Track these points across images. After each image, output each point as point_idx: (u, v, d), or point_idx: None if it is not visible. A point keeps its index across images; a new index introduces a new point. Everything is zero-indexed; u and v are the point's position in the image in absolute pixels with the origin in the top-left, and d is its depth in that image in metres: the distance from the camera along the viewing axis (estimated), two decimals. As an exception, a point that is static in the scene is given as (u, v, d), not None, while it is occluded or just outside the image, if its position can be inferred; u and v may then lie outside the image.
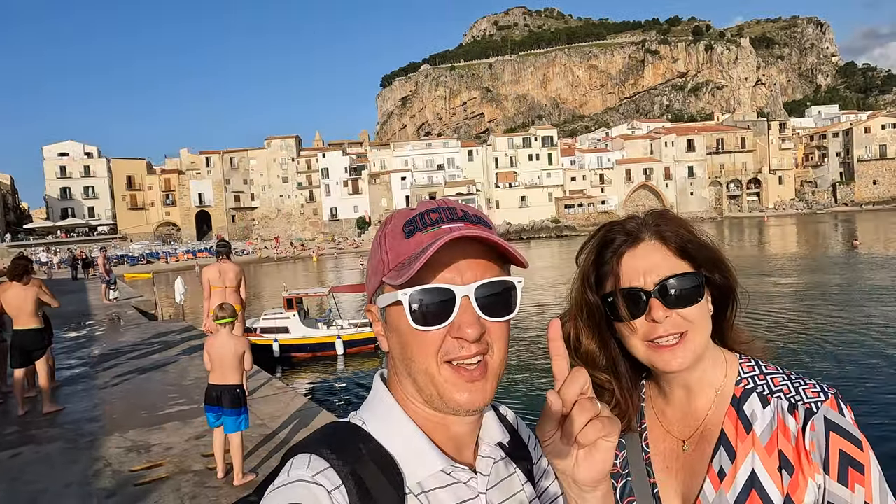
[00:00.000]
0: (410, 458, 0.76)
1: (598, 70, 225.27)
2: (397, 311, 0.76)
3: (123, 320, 15.67)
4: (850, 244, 38.59)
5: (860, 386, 10.97)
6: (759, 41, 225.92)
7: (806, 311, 18.54)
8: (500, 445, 0.86)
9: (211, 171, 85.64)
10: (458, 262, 0.75)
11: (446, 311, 0.74)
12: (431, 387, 0.76)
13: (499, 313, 0.77)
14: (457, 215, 0.79)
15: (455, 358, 0.75)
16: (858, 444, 0.92)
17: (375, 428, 0.78)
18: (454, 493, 0.77)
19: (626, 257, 1.02)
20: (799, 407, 0.96)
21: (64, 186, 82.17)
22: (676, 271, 1.00)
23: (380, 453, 0.75)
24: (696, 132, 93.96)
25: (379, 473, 0.72)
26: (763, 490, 0.94)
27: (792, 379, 1.01)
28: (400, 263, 0.76)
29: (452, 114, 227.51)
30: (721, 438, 1.01)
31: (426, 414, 0.79)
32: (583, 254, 1.09)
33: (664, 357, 0.99)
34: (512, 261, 0.80)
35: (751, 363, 1.06)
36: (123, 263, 57.20)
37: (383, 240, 0.79)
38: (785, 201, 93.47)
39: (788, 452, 0.95)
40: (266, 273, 49.39)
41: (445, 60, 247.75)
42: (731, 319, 1.08)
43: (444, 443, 0.80)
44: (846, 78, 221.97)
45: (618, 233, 1.05)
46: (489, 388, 0.76)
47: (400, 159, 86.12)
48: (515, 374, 12.79)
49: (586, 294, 1.06)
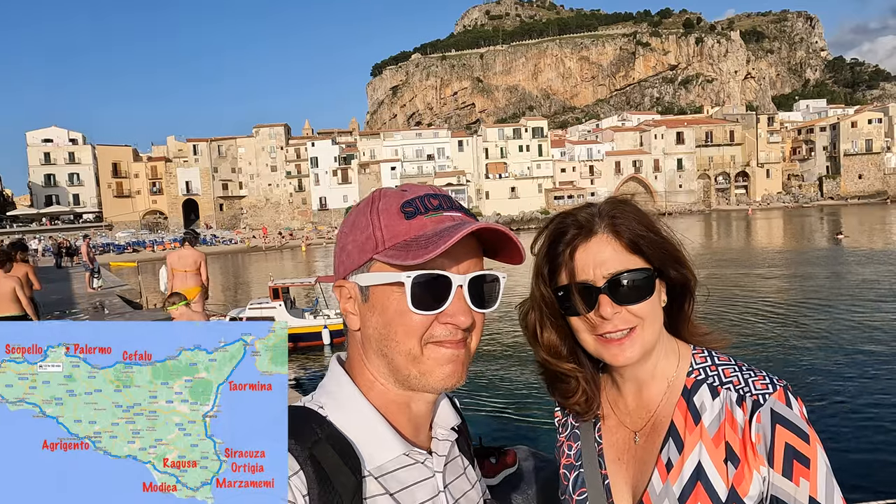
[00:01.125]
0: (371, 442, 0.77)
1: (589, 61, 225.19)
2: (387, 291, 0.76)
3: (108, 309, 15.53)
4: (835, 237, 38.91)
5: (835, 380, 11.15)
6: (750, 34, 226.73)
7: (785, 303, 18.77)
8: (453, 430, 0.89)
9: (198, 159, 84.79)
10: (457, 251, 0.76)
11: (442, 298, 0.75)
12: (412, 367, 0.77)
13: (485, 304, 0.79)
14: (454, 204, 0.81)
15: (440, 340, 0.76)
16: (805, 437, 0.92)
17: (333, 412, 0.78)
18: (412, 473, 0.79)
19: (578, 251, 1.01)
20: (747, 398, 0.96)
21: (48, 173, 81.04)
22: (627, 266, 0.99)
23: (337, 438, 0.75)
24: (686, 125, 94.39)
25: (337, 457, 0.72)
26: (708, 482, 0.94)
27: (743, 370, 1.01)
28: (400, 243, 0.75)
29: (443, 104, 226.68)
30: (670, 430, 1.01)
31: (392, 395, 0.80)
32: (536, 245, 1.09)
33: (612, 351, 0.99)
34: (507, 256, 0.82)
35: (703, 354, 1.06)
36: (109, 252, 56.62)
37: (375, 216, 0.78)
38: (772, 194, 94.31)
39: (735, 444, 0.95)
40: (254, 262, 49.13)
41: (436, 50, 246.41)
42: (689, 313, 1.08)
43: (404, 425, 0.81)
44: (834, 72, 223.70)
45: (570, 224, 1.03)
46: (466, 365, 0.79)
47: (390, 149, 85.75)
48: (489, 363, 12.85)
49: (539, 287, 1.06)
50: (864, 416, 9.27)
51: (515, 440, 7.82)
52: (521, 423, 9.75)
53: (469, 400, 11.20)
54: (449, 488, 0.84)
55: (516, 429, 9.28)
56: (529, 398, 10.43)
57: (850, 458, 7.76)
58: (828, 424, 8.95)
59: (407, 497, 0.77)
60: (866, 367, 11.64)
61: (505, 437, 8.71)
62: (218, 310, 20.12)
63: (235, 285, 33.80)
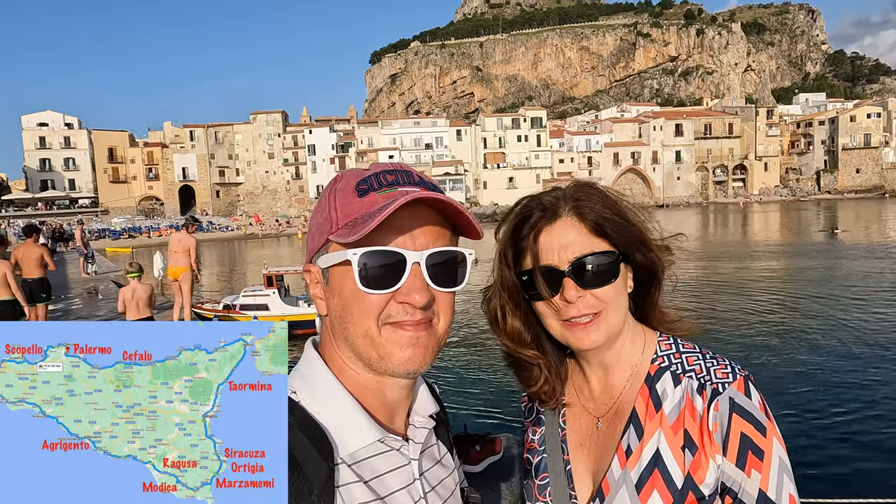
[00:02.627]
0: (344, 428, 0.75)
1: (589, 52, 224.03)
2: (342, 272, 0.74)
3: (101, 294, 15.48)
4: (831, 232, 38.77)
5: (822, 371, 11.19)
6: (751, 27, 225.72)
7: (775, 296, 18.81)
8: (430, 417, 0.87)
9: (195, 145, 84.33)
10: (412, 227, 0.73)
11: (396, 276, 0.72)
12: (371, 350, 0.75)
13: (447, 283, 0.76)
14: (413, 179, 0.78)
15: (398, 322, 0.74)
16: (762, 429, 0.91)
17: (306, 397, 0.76)
18: (387, 461, 0.77)
19: (542, 234, 0.99)
20: (707, 387, 0.96)
21: (43, 158, 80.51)
22: (592, 249, 0.98)
23: (309, 423, 0.73)
24: (685, 117, 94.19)
25: (308, 444, 0.70)
26: (665, 469, 0.94)
27: (706, 358, 1.00)
28: (351, 222, 0.73)
29: (442, 92, 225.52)
30: (631, 417, 1.00)
31: (363, 380, 0.78)
32: (501, 228, 1.06)
33: (577, 335, 0.98)
34: (465, 231, 0.79)
35: (669, 341, 1.05)
36: (105, 237, 56.42)
37: (332, 197, 0.77)
38: (770, 188, 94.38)
39: (693, 432, 0.94)
40: (250, 250, 49.03)
41: (436, 38, 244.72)
42: (656, 298, 1.07)
43: (378, 410, 0.79)
44: (834, 66, 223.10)
45: (535, 208, 1.02)
46: (431, 349, 0.76)
47: (388, 137, 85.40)
48: (476, 349, 12.86)
49: (503, 271, 1.05)
50: (854, 409, 9.32)
51: (502, 428, 7.85)
52: (508, 410, 9.78)
53: (456, 387, 11.23)
54: (425, 476, 0.82)
55: (503, 416, 9.30)
56: (515, 385, 10.43)
57: (839, 455, 7.80)
58: (813, 418, 8.99)
59: (381, 485, 0.75)
60: (858, 359, 11.69)
61: (491, 424, 8.73)
62: (213, 297, 20.10)
63: (231, 272, 33.73)
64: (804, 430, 8.52)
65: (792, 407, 9.27)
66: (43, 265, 8.97)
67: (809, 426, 8.68)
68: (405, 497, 0.77)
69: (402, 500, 0.76)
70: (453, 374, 12.10)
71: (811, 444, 8.12)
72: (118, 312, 7.32)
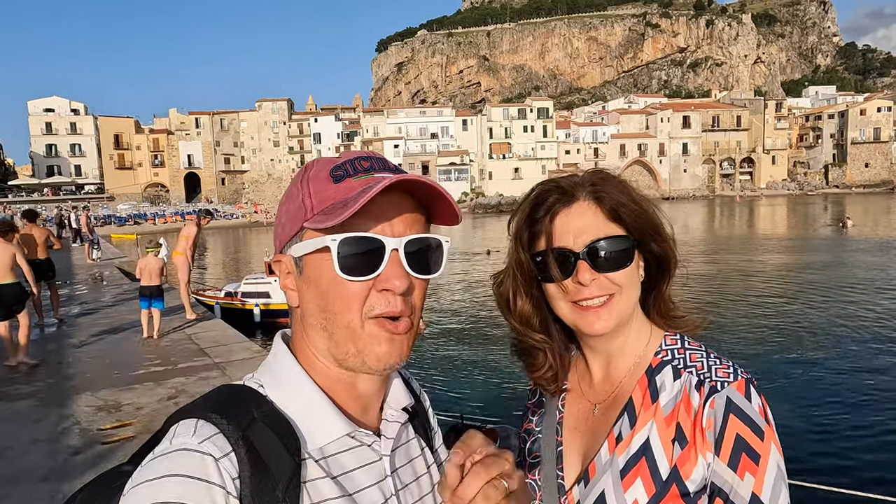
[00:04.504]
0: (312, 422, 0.73)
1: (597, 42, 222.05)
2: (319, 259, 0.73)
3: (106, 280, 15.53)
4: (841, 224, 38.21)
5: (833, 370, 11.14)
6: (762, 18, 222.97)
7: (781, 290, 18.71)
8: (404, 410, 0.84)
9: (200, 133, 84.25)
10: (389, 213, 0.73)
11: (375, 263, 0.72)
12: (350, 343, 0.73)
13: (425, 270, 0.76)
14: (388, 166, 0.77)
15: (380, 314, 0.72)
16: (760, 433, 0.90)
17: (274, 391, 0.74)
18: (357, 457, 0.76)
19: (558, 217, 1.00)
20: (705, 383, 0.96)
21: (50, 143, 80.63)
22: (607, 234, 0.98)
23: (276, 418, 0.71)
24: (693, 109, 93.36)
25: (274, 438, 0.68)
26: (653, 458, 0.95)
27: (710, 357, 1.00)
28: (327, 207, 0.72)
29: (448, 82, 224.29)
30: (627, 405, 1.01)
31: (335, 374, 0.76)
32: (517, 215, 1.07)
33: (589, 319, 0.99)
34: (443, 217, 0.78)
35: (675, 337, 1.06)
36: (111, 224, 56.59)
37: (305, 184, 0.75)
38: (777, 181, 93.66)
39: (686, 426, 0.95)
40: (254, 238, 49.10)
41: (443, 26, 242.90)
42: (665, 290, 1.07)
43: (349, 404, 0.77)
44: (846, 59, 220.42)
45: (552, 191, 1.02)
46: (407, 345, 0.75)
47: (393, 126, 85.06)
48: (474, 340, 12.85)
49: (518, 252, 1.05)
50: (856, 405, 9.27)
51: (498, 419, 7.85)
52: (505, 400, 9.78)
53: (452, 377, 11.24)
54: (398, 473, 0.80)
55: (503, 407, 9.29)
56: (513, 376, 10.42)
57: (847, 452, 7.76)
58: (816, 414, 8.96)
59: (349, 482, 0.74)
60: (865, 357, 11.63)
61: (487, 414, 8.73)
62: (216, 284, 20.14)
63: (235, 260, 33.81)
64: (816, 422, 8.49)
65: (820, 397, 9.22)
66: (49, 245, 9.66)
67: (820, 418, 8.65)
68: (376, 494, 0.76)
69: (372, 497, 0.75)
70: (449, 364, 12.11)
71: (821, 436, 8.09)
72: (136, 278, 9.36)
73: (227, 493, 0.62)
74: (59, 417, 5.67)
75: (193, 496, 0.60)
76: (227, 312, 14.54)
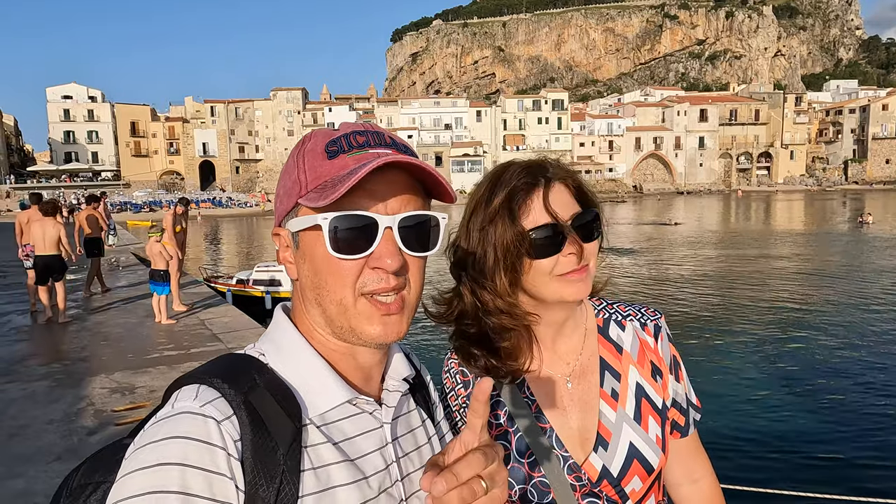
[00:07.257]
0: (313, 389, 0.74)
1: (614, 33, 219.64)
2: (313, 236, 0.73)
3: (121, 266, 15.70)
4: (859, 220, 37.61)
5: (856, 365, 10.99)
6: (783, 10, 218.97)
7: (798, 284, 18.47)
8: (405, 381, 0.85)
9: (216, 121, 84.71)
10: (383, 190, 0.72)
11: (367, 241, 0.71)
12: (343, 319, 0.73)
13: (420, 248, 0.75)
14: (385, 141, 0.76)
15: (373, 291, 0.72)
16: (676, 348, 1.17)
17: (275, 359, 0.75)
18: (358, 424, 0.76)
19: (549, 194, 1.04)
20: (648, 324, 1.15)
21: (67, 130, 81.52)
22: (584, 208, 1.07)
23: (277, 384, 0.72)
24: (710, 102, 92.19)
25: (275, 403, 0.69)
26: (649, 397, 1.10)
27: (630, 305, 1.20)
28: (321, 185, 0.72)
29: (463, 72, 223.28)
30: (603, 364, 1.12)
31: (334, 345, 0.77)
32: (488, 191, 1.07)
33: (575, 286, 1.03)
34: (439, 195, 0.78)
35: (598, 299, 1.20)
36: (127, 210, 57.24)
37: (301, 158, 0.75)
38: (795, 177, 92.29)
39: (655, 361, 1.13)
40: (268, 225, 49.36)
41: (458, 16, 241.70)
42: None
43: (350, 373, 0.78)
44: (868, 52, 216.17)
45: (526, 173, 1.06)
46: (404, 322, 0.75)
47: (407, 117, 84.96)
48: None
49: (503, 230, 1.05)
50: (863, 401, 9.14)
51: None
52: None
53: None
54: (399, 441, 0.81)
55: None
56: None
57: (862, 453, 7.67)
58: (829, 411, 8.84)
59: (351, 447, 0.74)
60: (875, 350, 11.46)
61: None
62: (229, 272, 20.28)
63: (248, 248, 34.03)
64: (833, 419, 8.39)
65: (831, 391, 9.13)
66: (58, 242, 9.89)
67: (837, 415, 8.54)
68: (377, 459, 0.76)
69: (373, 463, 0.76)
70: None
71: (835, 436, 7.99)
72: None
73: (228, 455, 0.63)
74: (73, 398, 5.74)
75: (195, 457, 0.61)
76: (239, 300, 14.63)
